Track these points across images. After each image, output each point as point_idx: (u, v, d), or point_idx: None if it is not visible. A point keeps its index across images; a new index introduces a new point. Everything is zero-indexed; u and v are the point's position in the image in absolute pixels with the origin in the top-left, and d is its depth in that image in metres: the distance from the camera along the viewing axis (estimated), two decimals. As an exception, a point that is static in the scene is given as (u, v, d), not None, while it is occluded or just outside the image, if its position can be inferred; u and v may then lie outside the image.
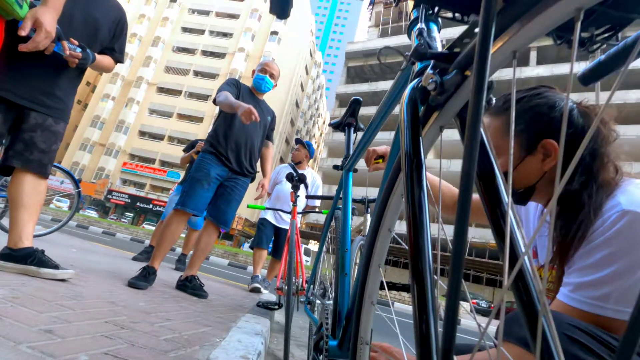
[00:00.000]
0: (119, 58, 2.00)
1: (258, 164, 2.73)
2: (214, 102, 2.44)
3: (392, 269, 25.87)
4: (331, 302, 1.22)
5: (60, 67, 1.72)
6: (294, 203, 2.25)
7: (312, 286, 1.68)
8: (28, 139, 1.66)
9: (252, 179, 2.63)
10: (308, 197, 2.28)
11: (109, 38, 1.91)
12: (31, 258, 1.60)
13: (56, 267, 1.63)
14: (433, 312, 0.29)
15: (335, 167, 1.26)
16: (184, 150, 4.15)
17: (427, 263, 0.33)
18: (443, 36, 0.57)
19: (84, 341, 0.93)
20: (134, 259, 3.70)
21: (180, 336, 1.21)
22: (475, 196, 1.19)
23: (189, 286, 2.26)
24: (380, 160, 1.20)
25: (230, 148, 2.40)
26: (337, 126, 1.35)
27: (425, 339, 0.29)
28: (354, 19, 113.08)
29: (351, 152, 1.21)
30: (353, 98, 1.20)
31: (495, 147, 0.88)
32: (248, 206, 2.90)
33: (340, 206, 1.37)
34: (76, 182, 3.74)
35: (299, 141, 3.76)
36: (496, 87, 0.45)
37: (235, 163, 2.42)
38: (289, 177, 2.27)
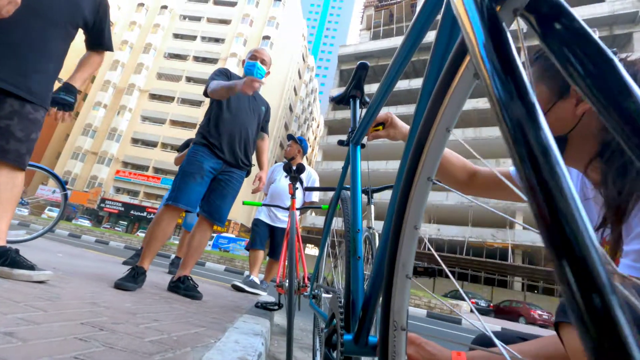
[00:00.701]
0: (109, 47, 1.86)
1: (253, 158, 2.60)
2: (205, 93, 2.30)
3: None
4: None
5: (41, 46, 1.58)
6: (293, 195, 2.11)
7: (315, 283, 1.54)
8: (4, 127, 1.51)
9: (248, 173, 2.48)
10: (306, 189, 2.14)
11: (92, 20, 1.77)
12: (3, 258, 1.45)
13: (32, 267, 1.47)
14: (609, 284, 0.15)
15: (341, 142, 1.13)
16: (177, 150, 3.99)
17: (576, 210, 0.17)
18: None
19: (50, 344, 0.78)
20: (125, 262, 3.53)
21: (168, 337, 1.06)
22: (489, 169, 1.07)
23: (182, 287, 2.11)
24: (381, 128, 1.07)
25: (223, 139, 2.26)
26: (340, 100, 1.22)
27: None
28: (345, 22, 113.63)
29: (357, 125, 1.07)
30: (359, 63, 1.07)
31: None
32: (244, 203, 2.76)
33: (348, 186, 1.23)
34: (62, 185, 3.57)
35: (290, 137, 3.63)
36: None
37: (229, 154, 2.28)
38: (287, 169, 2.13)
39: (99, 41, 1.83)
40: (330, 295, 1.25)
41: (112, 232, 20.60)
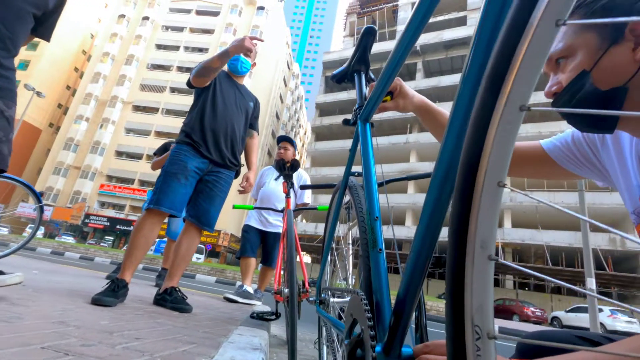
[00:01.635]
0: (47, 36, 1.67)
1: (243, 158, 2.43)
2: (189, 84, 2.13)
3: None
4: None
5: (11, 41, 1.42)
6: (288, 194, 1.95)
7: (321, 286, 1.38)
8: None
9: (237, 174, 2.31)
10: (302, 187, 1.98)
11: (49, 8, 1.59)
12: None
13: (1, 273, 1.30)
14: None
15: (346, 121, 0.98)
16: (154, 154, 3.64)
17: None
18: None
19: (-9, 379, 0.61)
20: (108, 277, 3.29)
21: (151, 359, 0.89)
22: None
23: (169, 300, 1.91)
24: (389, 98, 0.93)
25: (208, 136, 2.08)
26: (342, 77, 1.08)
27: None
28: (328, 29, 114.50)
29: (365, 99, 0.93)
30: (365, 28, 0.93)
31: (568, 47, 0.66)
32: (234, 206, 2.58)
33: (355, 172, 1.09)
34: (37, 196, 3.33)
35: (285, 138, 3.41)
36: None
37: (215, 153, 2.10)
38: (281, 166, 1.97)
39: (35, 27, 1.62)
40: (341, 300, 1.09)
41: (97, 247, 19.99)
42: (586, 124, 0.68)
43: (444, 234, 0.48)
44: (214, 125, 2.10)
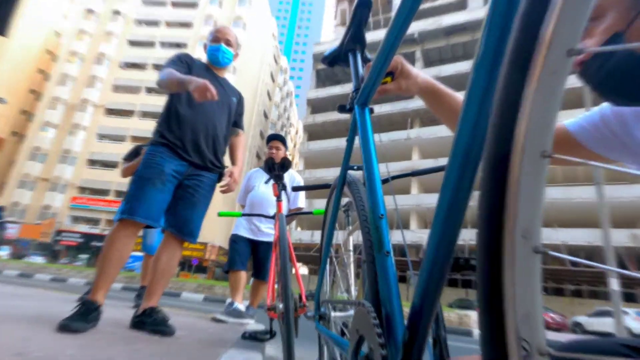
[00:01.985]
0: (2, 30, 1.59)
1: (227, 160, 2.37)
2: (158, 85, 2.07)
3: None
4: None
5: None
6: (279, 197, 1.90)
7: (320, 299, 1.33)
8: None
9: (220, 177, 2.25)
10: (295, 188, 1.94)
11: None
12: None
13: None
14: None
15: (342, 107, 0.93)
16: (124, 159, 3.52)
17: None
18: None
19: None
20: (80, 299, 3.20)
21: (123, 393, 0.83)
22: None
23: (148, 322, 1.84)
24: (389, 79, 0.89)
25: (185, 136, 2.02)
26: (334, 59, 1.04)
27: None
28: (318, 18, 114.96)
29: (362, 81, 0.88)
30: (358, 1, 0.89)
31: (597, 8, 0.64)
32: (219, 214, 2.52)
33: (354, 165, 1.04)
34: (-2, 211, 3.25)
35: (275, 137, 3.36)
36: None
37: (194, 154, 2.04)
38: (269, 165, 1.92)
39: None
40: (344, 314, 1.04)
41: (70, 267, 19.74)
42: (623, 96, 0.65)
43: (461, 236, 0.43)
44: (192, 123, 2.05)
